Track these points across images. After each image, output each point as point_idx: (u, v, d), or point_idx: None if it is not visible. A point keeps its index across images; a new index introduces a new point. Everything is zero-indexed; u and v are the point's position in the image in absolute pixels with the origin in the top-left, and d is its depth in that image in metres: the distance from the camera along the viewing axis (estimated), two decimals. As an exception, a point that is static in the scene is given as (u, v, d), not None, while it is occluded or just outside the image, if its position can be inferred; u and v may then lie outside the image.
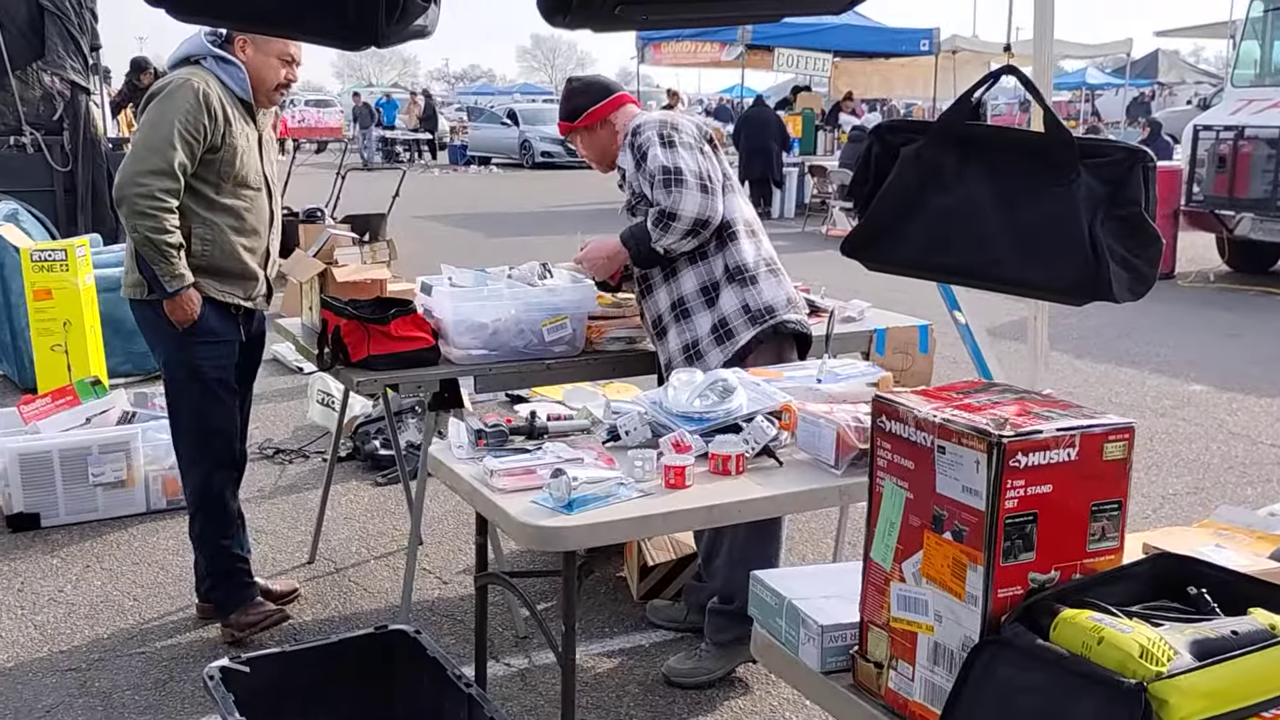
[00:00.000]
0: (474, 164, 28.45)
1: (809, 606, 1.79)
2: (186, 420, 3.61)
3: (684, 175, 3.37)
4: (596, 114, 3.63)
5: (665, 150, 3.41)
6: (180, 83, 3.41)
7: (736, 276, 3.46)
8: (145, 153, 3.36)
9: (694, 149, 3.44)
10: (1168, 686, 1.28)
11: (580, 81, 3.74)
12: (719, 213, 3.43)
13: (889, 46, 20.17)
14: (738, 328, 3.43)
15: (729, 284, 3.46)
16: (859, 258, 1.89)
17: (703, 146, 3.47)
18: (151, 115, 3.41)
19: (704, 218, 3.38)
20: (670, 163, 3.39)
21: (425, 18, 1.41)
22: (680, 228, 3.38)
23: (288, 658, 2.65)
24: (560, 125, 3.81)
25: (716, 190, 3.43)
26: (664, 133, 3.44)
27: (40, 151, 8.85)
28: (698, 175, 3.39)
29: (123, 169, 3.39)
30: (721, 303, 3.46)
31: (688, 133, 3.48)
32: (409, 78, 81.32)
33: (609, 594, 4.08)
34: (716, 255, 3.48)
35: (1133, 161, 1.62)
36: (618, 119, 3.63)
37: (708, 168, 3.43)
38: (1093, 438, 1.50)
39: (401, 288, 4.17)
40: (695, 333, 3.48)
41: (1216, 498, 5.09)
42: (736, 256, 3.47)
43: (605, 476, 2.49)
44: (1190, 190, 10.87)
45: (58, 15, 8.92)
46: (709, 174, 3.42)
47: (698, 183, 3.38)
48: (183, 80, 3.41)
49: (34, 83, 8.91)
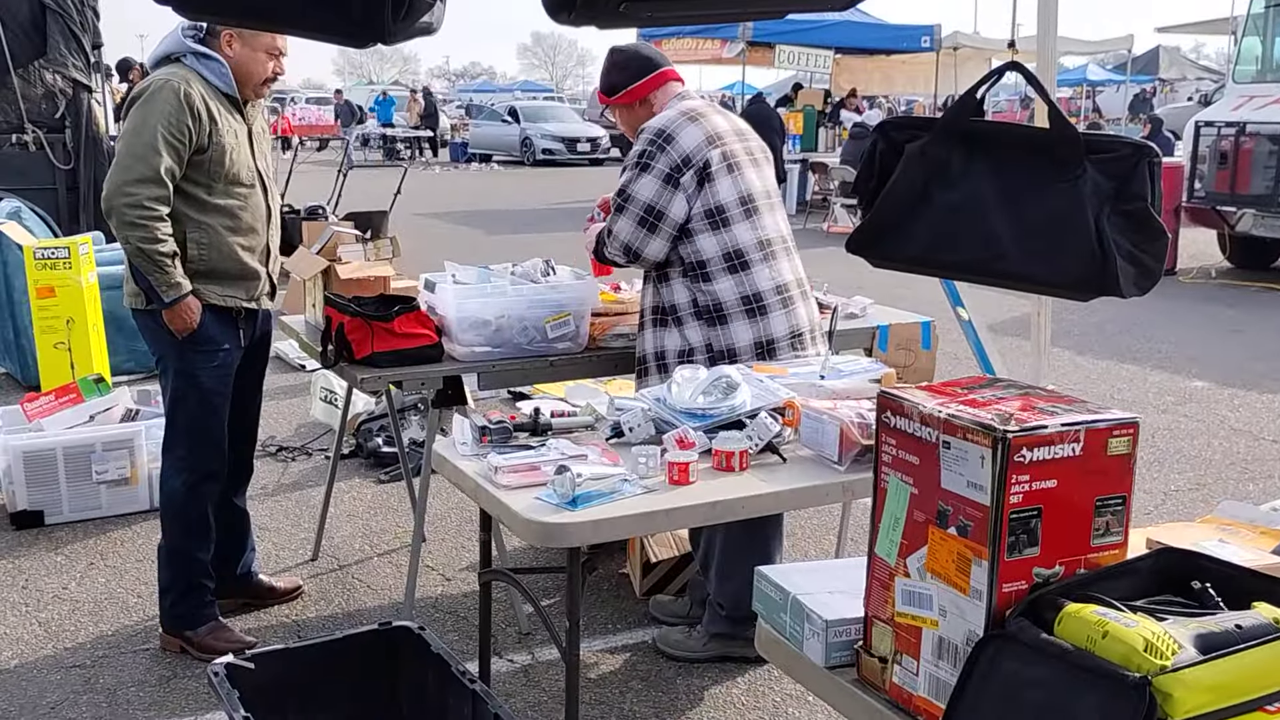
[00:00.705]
0: (475, 161, 28.45)
1: (813, 602, 1.80)
2: (182, 428, 3.53)
3: (629, 204, 3.33)
4: (635, 92, 3.54)
5: (633, 172, 3.35)
6: (159, 85, 3.32)
7: (704, 314, 3.37)
8: (130, 160, 3.27)
9: (665, 179, 3.31)
10: (1172, 680, 1.29)
11: (622, 55, 3.58)
12: (654, 250, 3.35)
13: (890, 43, 20.14)
14: (699, 364, 3.36)
15: (696, 319, 3.38)
16: (864, 255, 1.90)
17: (679, 176, 3.30)
18: (133, 121, 3.32)
19: (633, 248, 3.35)
20: (628, 186, 3.34)
21: (431, 15, 1.42)
22: (614, 247, 3.39)
23: (292, 654, 2.66)
24: (599, 96, 3.71)
25: (661, 229, 3.32)
26: (646, 150, 3.34)
27: (42, 149, 8.85)
28: (644, 207, 3.31)
29: (109, 179, 3.31)
30: (687, 332, 3.39)
31: (671, 156, 3.31)
32: (410, 75, 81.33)
33: (612, 590, 4.09)
34: (680, 284, 3.40)
35: (1138, 157, 1.62)
36: (657, 98, 3.53)
37: (664, 202, 3.31)
38: (1097, 433, 1.50)
39: (404, 285, 4.17)
40: (659, 345, 3.44)
41: (1219, 493, 5.09)
42: (708, 295, 3.36)
43: (609, 473, 2.50)
44: (1192, 186, 10.86)
45: (59, 13, 8.92)
46: (661, 210, 3.31)
47: (639, 214, 3.32)
48: (162, 82, 3.32)
49: (36, 81, 8.90)
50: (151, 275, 3.31)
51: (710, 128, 3.38)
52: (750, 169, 3.45)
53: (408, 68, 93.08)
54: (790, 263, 3.50)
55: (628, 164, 3.40)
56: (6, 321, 6.68)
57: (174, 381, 3.51)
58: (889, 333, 4.10)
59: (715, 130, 3.39)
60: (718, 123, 3.43)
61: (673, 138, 3.33)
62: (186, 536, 3.57)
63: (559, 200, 18.94)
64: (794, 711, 3.33)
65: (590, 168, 26.86)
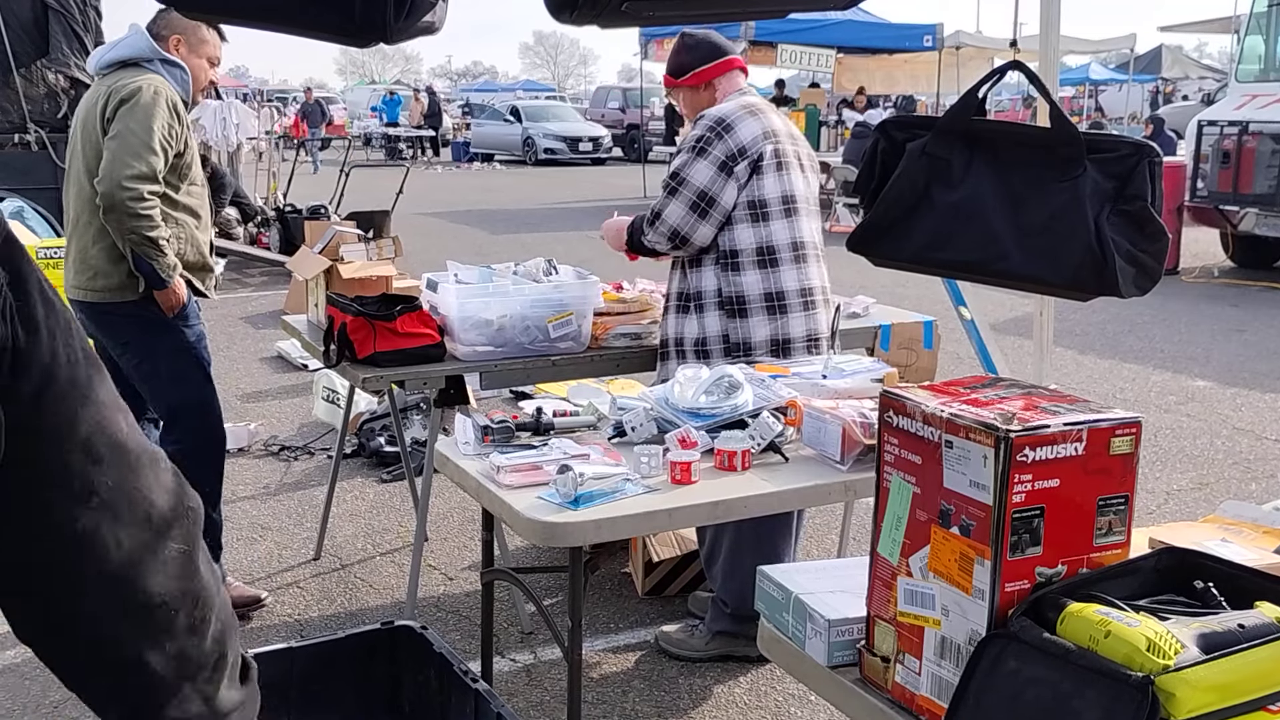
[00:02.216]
0: (476, 161, 28.45)
1: (815, 601, 1.80)
2: (193, 401, 3.71)
3: (682, 187, 3.37)
4: (702, 75, 3.58)
5: (688, 156, 3.40)
6: (152, 91, 3.51)
7: (727, 305, 3.42)
8: (128, 158, 3.45)
9: (720, 166, 3.37)
10: (1175, 680, 1.28)
11: (693, 38, 3.66)
12: (702, 235, 3.39)
13: (892, 42, 20.12)
14: (714, 351, 3.44)
15: (718, 309, 3.43)
16: (865, 253, 1.90)
17: (733, 165, 3.37)
18: (128, 123, 3.48)
19: (682, 233, 3.38)
20: (682, 169, 3.39)
21: (434, 14, 1.42)
22: (661, 231, 3.41)
23: (293, 653, 2.66)
24: (665, 79, 3.76)
25: (711, 215, 3.37)
26: (704, 137, 3.40)
27: (45, 149, 8.85)
28: (697, 192, 3.36)
29: (108, 176, 3.46)
30: (705, 320, 3.44)
31: (727, 145, 3.38)
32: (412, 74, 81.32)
33: (614, 590, 4.09)
34: (710, 271, 3.44)
35: (1139, 156, 1.62)
36: (721, 84, 3.58)
37: (716, 189, 3.37)
38: (1100, 432, 1.50)
39: (407, 285, 4.17)
40: (679, 331, 3.50)
41: (1221, 493, 5.08)
42: (735, 285, 3.41)
43: (611, 472, 2.50)
44: (1194, 186, 10.85)
45: (62, 13, 8.92)
46: (713, 195, 3.37)
47: (692, 198, 3.36)
48: (153, 89, 3.52)
49: (38, 80, 8.91)
50: (155, 260, 3.52)
51: (768, 124, 3.46)
52: (798, 172, 3.51)
53: (410, 67, 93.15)
54: (819, 269, 3.56)
55: (683, 148, 3.45)
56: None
57: (172, 364, 3.69)
58: (891, 332, 4.10)
59: (772, 127, 3.46)
60: (775, 121, 3.50)
61: (732, 127, 3.40)
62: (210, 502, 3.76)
63: (561, 200, 18.94)
64: (796, 711, 3.33)
65: (592, 167, 26.87)
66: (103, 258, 3.57)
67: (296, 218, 10.52)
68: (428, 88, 37.69)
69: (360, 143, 28.08)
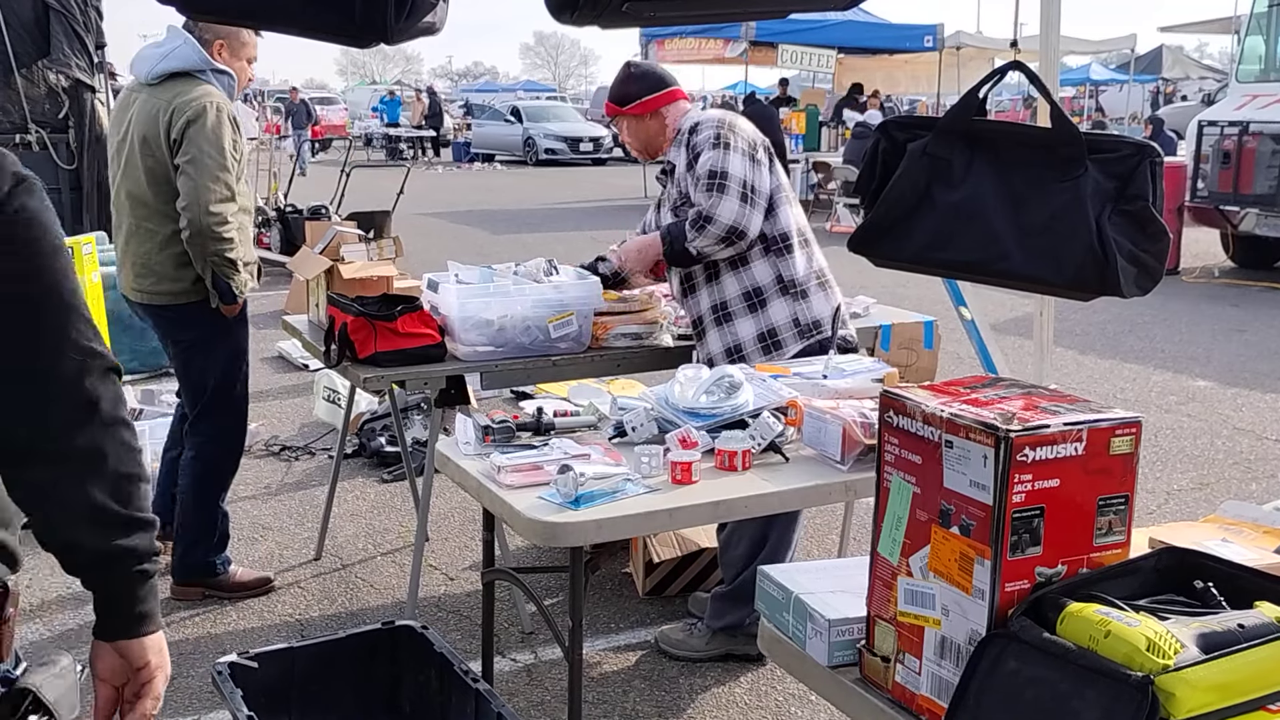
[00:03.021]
0: (477, 161, 28.46)
1: (816, 601, 1.80)
2: (238, 398, 3.92)
3: (728, 181, 3.37)
4: (649, 104, 3.61)
5: (717, 152, 3.40)
6: (215, 108, 3.64)
7: (790, 289, 3.47)
8: (209, 182, 3.59)
9: (746, 155, 3.41)
10: (1175, 679, 1.29)
11: (638, 68, 3.72)
12: (755, 226, 3.40)
13: (893, 43, 20.12)
14: (786, 339, 3.46)
15: (781, 295, 3.47)
16: (866, 254, 1.90)
17: (755, 154, 3.43)
18: (201, 145, 3.59)
19: (739, 227, 3.37)
20: (718, 165, 3.38)
21: (434, 15, 1.42)
22: (715, 232, 3.38)
23: (295, 653, 2.66)
24: (608, 107, 3.78)
25: (759, 203, 3.41)
26: (720, 133, 3.42)
27: (46, 149, 8.86)
28: (742, 183, 3.37)
29: (192, 205, 3.59)
30: (771, 312, 3.47)
31: (744, 137, 3.44)
32: (413, 75, 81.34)
33: (614, 590, 4.09)
34: (763, 263, 3.47)
35: (1140, 156, 1.63)
36: (669, 113, 3.62)
37: (755, 178, 3.40)
38: (1100, 432, 1.50)
39: (407, 285, 4.17)
40: (738, 337, 3.50)
41: (1221, 493, 5.08)
42: (790, 269, 3.47)
43: (612, 472, 2.50)
44: (1195, 186, 10.85)
45: (63, 13, 8.92)
46: (755, 184, 3.40)
47: (740, 190, 3.37)
48: (215, 106, 3.65)
49: (39, 81, 8.91)
50: (232, 278, 3.72)
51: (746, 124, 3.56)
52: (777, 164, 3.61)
53: (410, 68, 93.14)
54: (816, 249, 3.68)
55: (700, 151, 3.44)
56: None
57: (223, 364, 3.85)
58: (891, 332, 4.11)
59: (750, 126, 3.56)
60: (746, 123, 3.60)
61: (734, 124, 3.48)
62: (223, 490, 3.97)
63: (562, 200, 18.95)
64: (797, 711, 3.33)
65: (593, 167, 26.87)
66: (168, 264, 3.73)
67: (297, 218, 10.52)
68: (429, 88, 37.67)
69: (361, 143, 28.08)
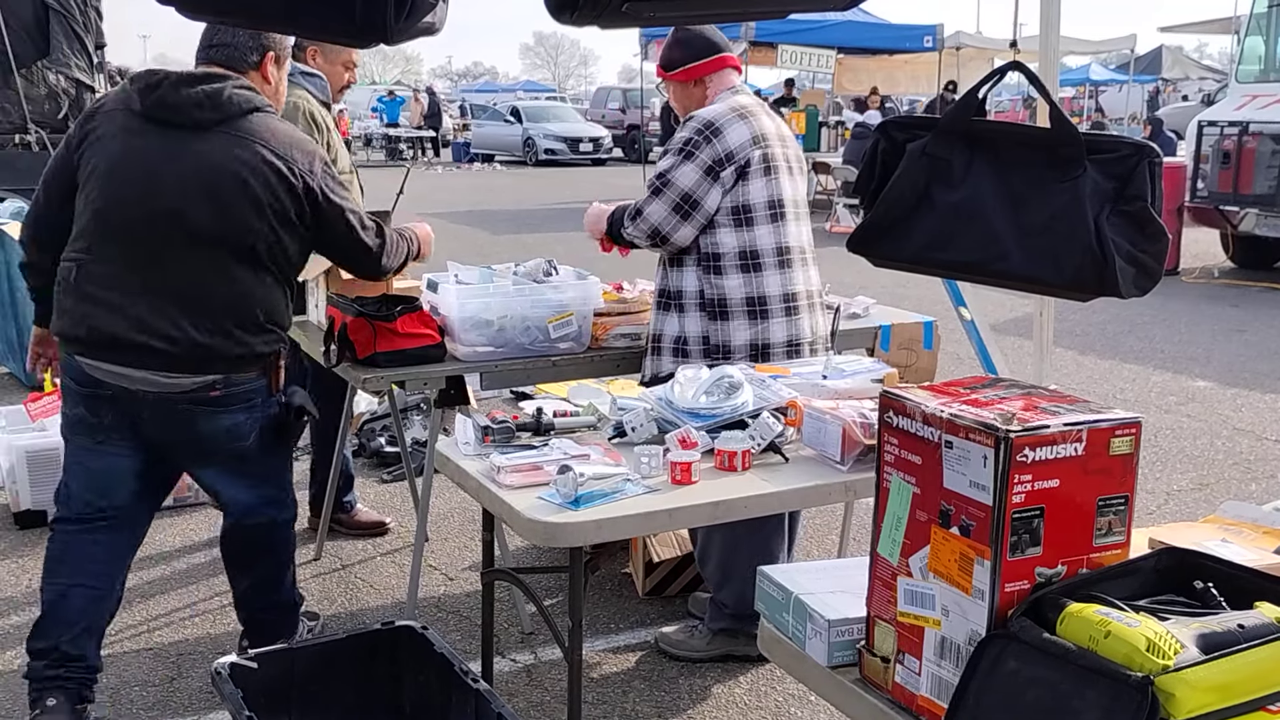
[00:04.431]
0: (477, 161, 28.46)
1: (816, 601, 1.80)
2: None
3: (667, 189, 3.38)
4: (692, 72, 3.58)
5: (676, 158, 3.40)
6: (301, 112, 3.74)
7: (709, 307, 3.43)
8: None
9: (703, 169, 3.36)
10: (1175, 680, 1.29)
11: (686, 33, 3.63)
12: (683, 236, 3.39)
13: (893, 43, 20.14)
14: (693, 352, 3.45)
15: (700, 310, 3.44)
16: (865, 254, 1.90)
17: (720, 170, 3.36)
18: None
19: (662, 233, 3.39)
20: (668, 170, 3.39)
21: (434, 15, 1.42)
22: (642, 228, 3.42)
23: (295, 654, 2.66)
24: (657, 69, 3.76)
25: (695, 217, 3.37)
26: (692, 140, 3.39)
27: (46, 150, 8.85)
28: (682, 194, 3.36)
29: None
30: (685, 320, 3.46)
31: (716, 149, 3.36)
32: (412, 75, 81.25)
33: (614, 590, 4.09)
34: (692, 273, 3.44)
35: (1139, 157, 1.63)
36: (713, 81, 3.57)
37: (701, 193, 3.36)
38: (1100, 432, 1.51)
39: (407, 285, 4.17)
40: (660, 329, 3.52)
41: (1221, 494, 5.09)
42: (717, 288, 3.41)
43: (611, 473, 2.50)
44: (1195, 186, 10.86)
45: (62, 14, 8.92)
46: (697, 199, 3.36)
47: (675, 200, 3.36)
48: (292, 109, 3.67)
49: (39, 81, 8.91)
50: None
51: (758, 128, 3.44)
52: (786, 175, 3.51)
53: (410, 68, 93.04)
54: (805, 273, 3.55)
55: (670, 149, 3.46)
56: (10, 321, 6.68)
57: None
58: (891, 332, 4.10)
59: (762, 131, 3.45)
60: (765, 124, 3.49)
61: (720, 131, 3.39)
62: None
63: (561, 200, 18.94)
64: (797, 711, 3.33)
65: (593, 168, 26.86)
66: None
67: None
68: (428, 88, 37.67)
69: (361, 143, 28.06)
